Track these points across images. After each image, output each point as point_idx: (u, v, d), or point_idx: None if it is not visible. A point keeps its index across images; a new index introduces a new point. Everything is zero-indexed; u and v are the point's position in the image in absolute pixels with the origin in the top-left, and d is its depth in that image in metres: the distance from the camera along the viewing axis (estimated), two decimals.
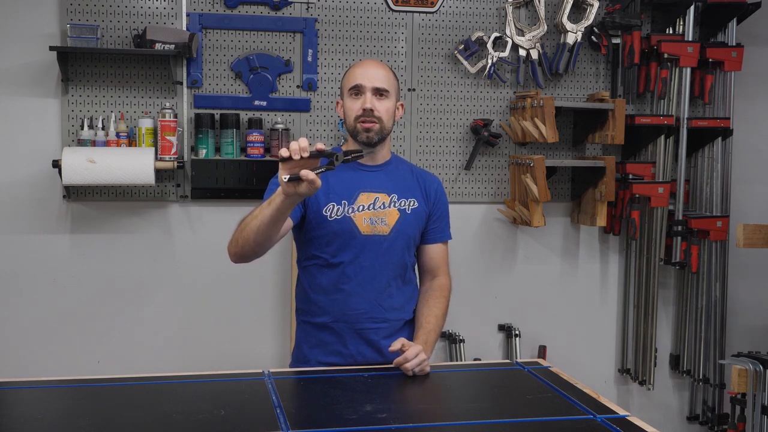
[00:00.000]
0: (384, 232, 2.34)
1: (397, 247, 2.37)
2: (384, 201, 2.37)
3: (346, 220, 2.32)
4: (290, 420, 1.79)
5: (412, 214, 2.39)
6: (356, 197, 2.34)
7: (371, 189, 2.37)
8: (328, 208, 2.32)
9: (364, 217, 2.33)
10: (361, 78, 2.33)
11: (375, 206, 2.35)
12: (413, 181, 2.45)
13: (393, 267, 2.37)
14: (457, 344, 3.68)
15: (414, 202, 2.40)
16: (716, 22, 3.78)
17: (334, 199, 2.33)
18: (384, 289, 2.36)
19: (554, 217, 3.81)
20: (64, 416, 1.90)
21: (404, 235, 2.37)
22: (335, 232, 2.32)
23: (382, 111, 2.32)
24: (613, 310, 3.95)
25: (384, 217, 2.35)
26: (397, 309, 2.39)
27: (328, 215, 2.32)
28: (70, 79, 3.34)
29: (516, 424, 1.86)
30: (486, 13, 3.66)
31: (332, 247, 2.34)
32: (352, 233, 2.32)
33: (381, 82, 2.33)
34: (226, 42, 3.46)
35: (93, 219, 3.43)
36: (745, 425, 3.27)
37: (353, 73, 2.36)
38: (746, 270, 3.99)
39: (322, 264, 2.36)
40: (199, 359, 3.47)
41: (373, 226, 2.33)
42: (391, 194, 2.38)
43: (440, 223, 2.48)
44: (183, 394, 2.05)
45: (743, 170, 3.95)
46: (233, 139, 3.39)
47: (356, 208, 2.33)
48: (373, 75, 2.33)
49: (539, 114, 3.46)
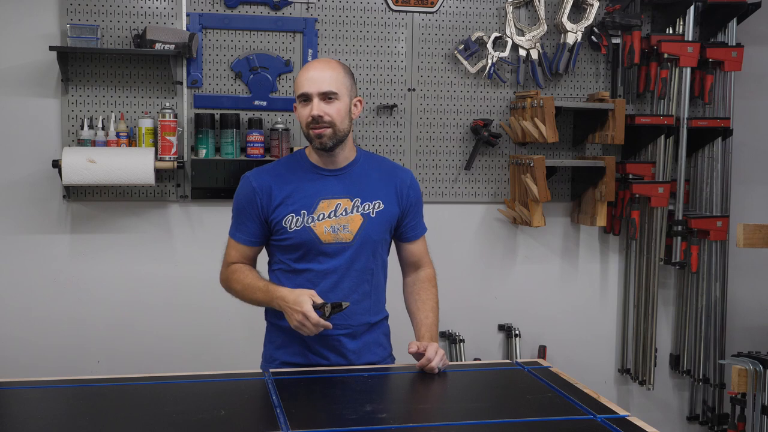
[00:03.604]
0: (347, 240, 2.28)
1: (362, 254, 2.31)
2: (346, 207, 2.29)
3: (306, 230, 2.26)
4: (290, 420, 1.79)
5: (377, 218, 2.31)
6: (316, 206, 2.27)
7: (332, 195, 2.29)
8: (287, 219, 2.27)
9: (325, 226, 2.27)
10: (306, 85, 2.23)
11: (336, 213, 2.28)
12: (380, 181, 2.36)
13: (357, 274, 2.31)
14: (457, 344, 3.68)
15: (379, 204, 2.32)
16: (716, 22, 3.78)
17: (293, 210, 2.27)
18: (347, 296, 2.30)
19: (554, 217, 3.81)
20: (64, 416, 1.90)
21: (369, 241, 2.31)
22: (297, 243, 2.28)
23: (333, 114, 2.23)
24: (613, 310, 3.95)
25: (346, 224, 2.28)
26: (361, 314, 2.33)
27: (287, 227, 2.27)
28: (70, 79, 3.34)
29: (516, 424, 1.86)
30: (486, 13, 3.66)
31: (295, 255, 2.30)
32: (312, 243, 2.27)
33: (327, 85, 2.23)
34: (226, 42, 3.46)
35: (93, 219, 3.43)
36: (745, 425, 3.27)
37: (300, 79, 2.26)
38: (746, 270, 3.99)
39: (287, 269, 2.32)
40: (199, 359, 3.47)
41: (335, 234, 2.27)
42: (353, 199, 2.30)
43: (416, 220, 2.42)
44: (183, 394, 2.05)
45: (743, 170, 3.95)
46: (233, 139, 3.39)
47: (316, 217, 2.27)
48: (317, 79, 2.23)
49: (539, 114, 3.46)
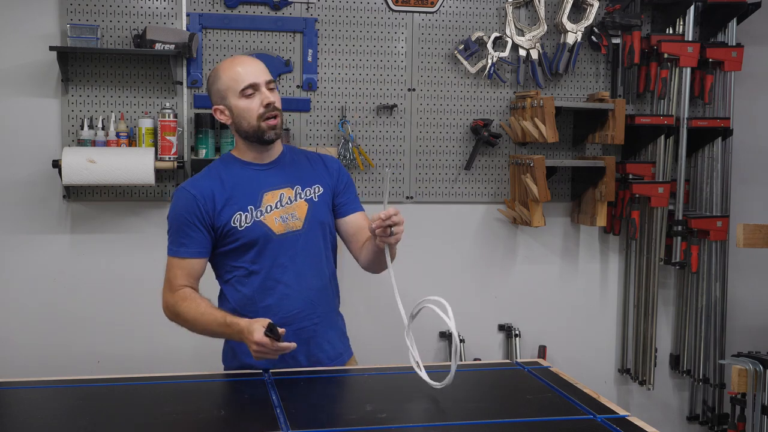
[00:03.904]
0: (297, 227, 2.29)
1: (314, 238, 2.32)
2: (289, 195, 2.31)
3: (257, 224, 2.26)
4: (290, 420, 1.80)
5: (320, 201, 2.34)
6: (261, 199, 2.28)
7: (273, 187, 2.30)
8: (235, 218, 2.25)
9: (275, 217, 2.27)
10: (252, 76, 2.25)
11: (282, 203, 2.29)
12: (311, 167, 2.39)
13: (314, 260, 2.32)
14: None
15: (319, 188, 2.35)
16: (716, 22, 3.78)
17: (239, 208, 2.26)
18: (311, 284, 2.30)
19: (554, 217, 3.81)
20: (64, 416, 1.90)
21: (317, 224, 2.32)
22: (251, 240, 2.26)
23: (278, 102, 2.29)
24: (613, 310, 3.95)
25: (294, 212, 2.29)
26: (327, 300, 2.36)
27: (237, 225, 2.25)
28: (70, 79, 3.34)
29: (516, 424, 1.86)
30: (486, 13, 3.66)
31: (250, 255, 2.27)
32: (267, 236, 2.26)
33: (267, 74, 2.28)
34: (226, 42, 3.46)
35: (93, 219, 3.43)
36: (745, 425, 3.26)
37: (236, 73, 2.25)
38: (746, 270, 3.99)
39: (243, 274, 2.29)
40: (199, 359, 3.46)
41: (285, 224, 2.28)
42: (294, 186, 2.32)
43: (349, 196, 2.41)
44: (183, 394, 2.05)
45: (743, 170, 3.95)
46: (233, 139, 3.38)
47: (264, 210, 2.27)
48: (258, 70, 2.27)
49: (539, 114, 3.46)
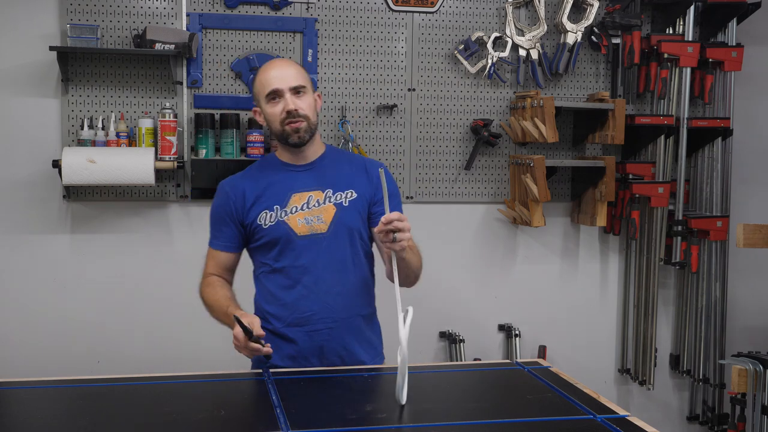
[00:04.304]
0: (322, 230, 2.29)
1: (339, 244, 2.31)
2: (318, 198, 2.31)
3: (281, 224, 2.29)
4: (290, 420, 1.79)
5: (350, 206, 2.32)
6: (288, 199, 2.30)
7: (303, 189, 2.32)
8: (261, 216, 2.30)
9: (299, 218, 2.29)
10: (277, 82, 2.27)
11: (309, 205, 2.30)
12: (351, 171, 2.38)
13: (337, 265, 2.31)
14: (457, 344, 3.68)
15: (352, 194, 2.33)
16: (716, 22, 3.78)
17: (266, 206, 2.30)
18: (331, 288, 2.31)
19: (554, 217, 3.81)
20: (64, 416, 1.90)
21: (344, 228, 2.31)
22: (273, 238, 2.29)
23: (305, 108, 2.28)
24: (613, 310, 3.95)
25: (320, 215, 2.30)
26: (349, 307, 2.33)
27: (262, 223, 2.30)
28: (70, 79, 3.34)
29: (516, 424, 1.86)
30: (486, 13, 3.66)
31: (273, 253, 2.31)
32: (288, 237, 2.28)
33: (296, 80, 2.28)
34: (226, 42, 3.46)
35: (93, 219, 3.43)
36: (745, 425, 3.27)
37: (265, 79, 2.30)
38: (746, 270, 3.99)
39: (268, 271, 2.34)
40: (199, 359, 3.47)
41: (309, 226, 2.29)
42: (325, 190, 2.32)
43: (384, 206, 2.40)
44: (183, 394, 2.05)
45: (743, 170, 3.95)
46: (233, 139, 3.39)
47: (289, 211, 2.29)
48: (286, 75, 2.28)
49: (539, 114, 3.46)
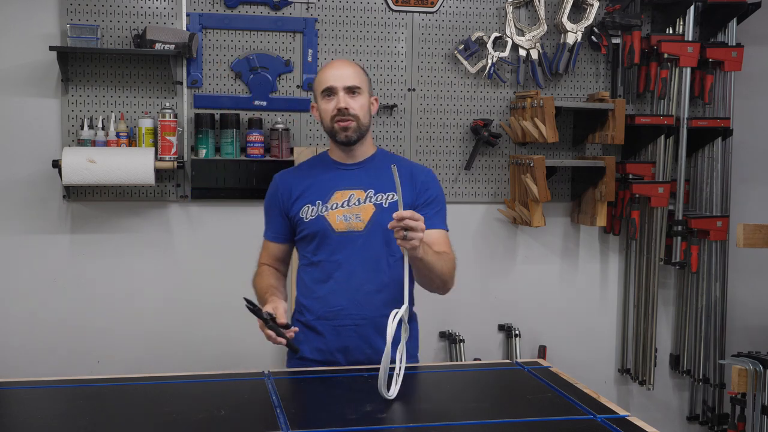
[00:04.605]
0: (359, 228, 2.33)
1: (374, 243, 2.34)
2: (359, 197, 2.36)
3: (320, 219, 2.35)
4: (290, 420, 1.79)
5: (389, 208, 2.35)
6: (330, 196, 2.36)
7: (347, 187, 2.37)
8: (303, 210, 2.37)
9: (338, 215, 2.34)
10: (332, 80, 2.34)
11: (349, 203, 2.35)
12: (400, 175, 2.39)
13: (371, 264, 2.34)
14: (457, 344, 3.68)
15: (393, 196, 2.36)
16: (716, 22, 3.78)
17: (309, 201, 2.37)
18: (362, 286, 2.34)
19: (554, 217, 3.81)
20: (64, 416, 1.90)
21: (380, 229, 2.33)
22: (312, 232, 2.36)
23: (357, 108, 2.33)
24: (613, 310, 3.95)
25: (358, 213, 2.34)
26: (377, 306, 2.34)
27: (304, 217, 2.37)
28: (70, 79, 3.34)
29: (516, 424, 1.86)
30: (486, 13, 3.66)
31: (312, 246, 2.38)
32: (326, 232, 2.34)
33: (351, 80, 2.34)
34: (226, 42, 3.46)
35: (93, 219, 3.43)
36: (745, 425, 3.27)
37: (323, 75, 2.37)
38: (746, 270, 3.99)
39: (307, 263, 2.41)
40: (199, 359, 3.47)
41: (347, 223, 2.33)
42: (367, 190, 2.37)
43: (427, 211, 2.38)
44: (183, 394, 2.05)
45: (743, 170, 3.95)
46: (233, 139, 3.39)
47: (330, 207, 2.35)
48: (343, 75, 2.34)
49: (539, 114, 3.46)
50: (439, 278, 2.31)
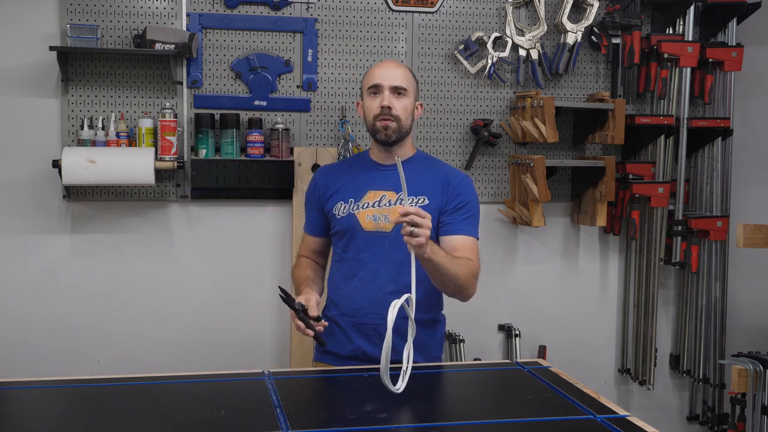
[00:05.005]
0: (386, 230, 2.37)
1: (400, 244, 2.30)
2: (390, 198, 2.40)
3: (351, 217, 2.40)
4: (290, 420, 1.80)
5: None
6: (363, 195, 2.41)
7: (380, 187, 2.42)
8: (337, 206, 2.45)
9: (368, 214, 2.38)
10: (380, 77, 2.39)
11: (380, 204, 2.40)
12: (431, 179, 2.44)
13: (395, 265, 2.35)
14: (457, 344, 3.68)
15: (424, 200, 2.39)
16: (716, 22, 3.78)
17: (342, 198, 2.44)
18: (384, 286, 2.37)
19: (554, 217, 3.81)
20: (64, 416, 1.90)
21: None
22: (342, 229, 2.42)
23: (400, 109, 2.38)
24: (613, 310, 3.95)
25: (387, 214, 2.38)
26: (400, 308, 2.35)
27: (336, 213, 2.44)
28: (70, 79, 3.34)
29: (516, 424, 1.86)
30: (486, 13, 3.66)
31: (342, 243, 2.44)
32: (354, 230, 2.40)
33: (399, 80, 2.39)
34: (226, 42, 3.46)
35: (93, 219, 3.43)
36: (745, 425, 3.27)
37: (372, 72, 2.43)
38: (746, 270, 3.99)
39: (337, 259, 2.49)
40: (199, 359, 3.47)
41: (376, 223, 2.38)
42: (399, 192, 2.38)
43: (455, 216, 2.39)
44: (183, 394, 2.05)
45: (743, 170, 3.95)
46: (233, 139, 3.39)
47: (361, 206, 2.40)
48: (391, 74, 2.39)
49: (539, 114, 3.46)
50: (453, 282, 2.29)
